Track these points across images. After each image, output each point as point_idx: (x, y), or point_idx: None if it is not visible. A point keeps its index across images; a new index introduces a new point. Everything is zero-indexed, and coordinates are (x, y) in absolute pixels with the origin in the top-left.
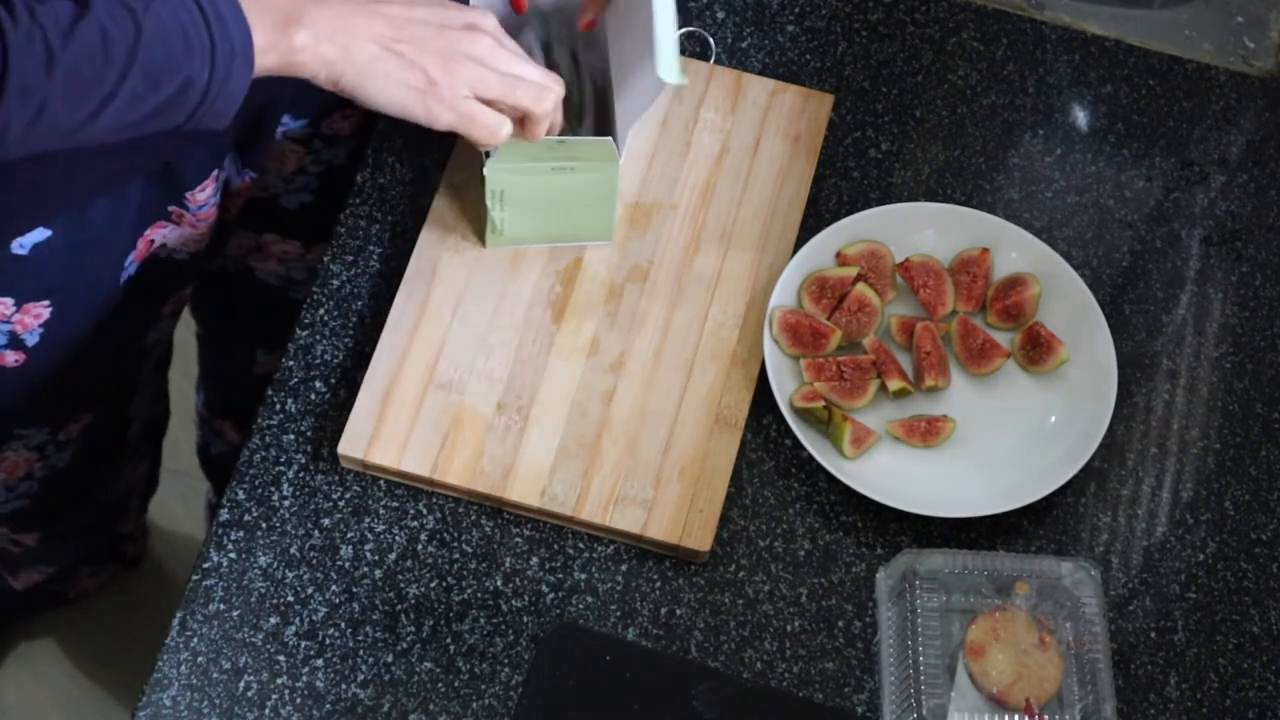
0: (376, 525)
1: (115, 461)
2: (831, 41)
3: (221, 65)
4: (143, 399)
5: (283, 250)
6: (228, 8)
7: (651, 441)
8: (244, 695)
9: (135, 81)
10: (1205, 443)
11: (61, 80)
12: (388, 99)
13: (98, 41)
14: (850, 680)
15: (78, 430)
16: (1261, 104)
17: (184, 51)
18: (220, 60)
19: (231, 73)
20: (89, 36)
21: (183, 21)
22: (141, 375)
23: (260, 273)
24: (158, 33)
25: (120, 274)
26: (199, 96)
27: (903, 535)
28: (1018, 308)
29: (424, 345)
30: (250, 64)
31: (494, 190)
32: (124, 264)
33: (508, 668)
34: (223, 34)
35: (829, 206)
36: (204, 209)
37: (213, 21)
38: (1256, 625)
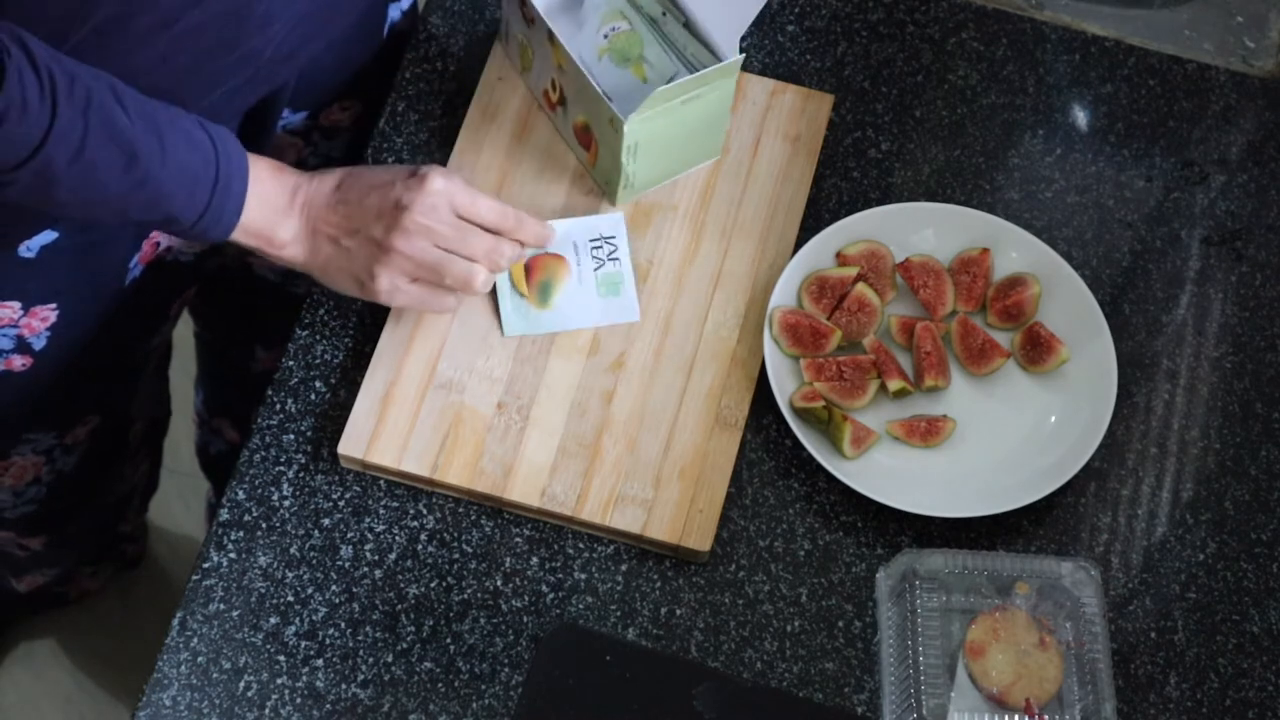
0: (376, 525)
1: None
2: (831, 41)
3: (206, 222)
4: (144, 400)
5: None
6: (238, 183)
7: (651, 441)
8: (244, 695)
9: (134, 200)
10: (1205, 443)
11: (77, 174)
12: (340, 286)
13: (124, 158)
14: (850, 680)
15: (84, 433)
16: (1261, 104)
17: (185, 199)
18: (208, 219)
19: (207, 232)
20: (120, 150)
21: (196, 172)
22: (144, 376)
23: (258, 268)
24: (174, 173)
25: (126, 276)
26: (176, 230)
27: (903, 535)
28: (1018, 308)
29: (424, 345)
30: (227, 234)
31: (630, 145)
32: (129, 265)
33: (508, 668)
34: (220, 202)
35: (829, 206)
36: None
37: (219, 188)
38: (1256, 625)
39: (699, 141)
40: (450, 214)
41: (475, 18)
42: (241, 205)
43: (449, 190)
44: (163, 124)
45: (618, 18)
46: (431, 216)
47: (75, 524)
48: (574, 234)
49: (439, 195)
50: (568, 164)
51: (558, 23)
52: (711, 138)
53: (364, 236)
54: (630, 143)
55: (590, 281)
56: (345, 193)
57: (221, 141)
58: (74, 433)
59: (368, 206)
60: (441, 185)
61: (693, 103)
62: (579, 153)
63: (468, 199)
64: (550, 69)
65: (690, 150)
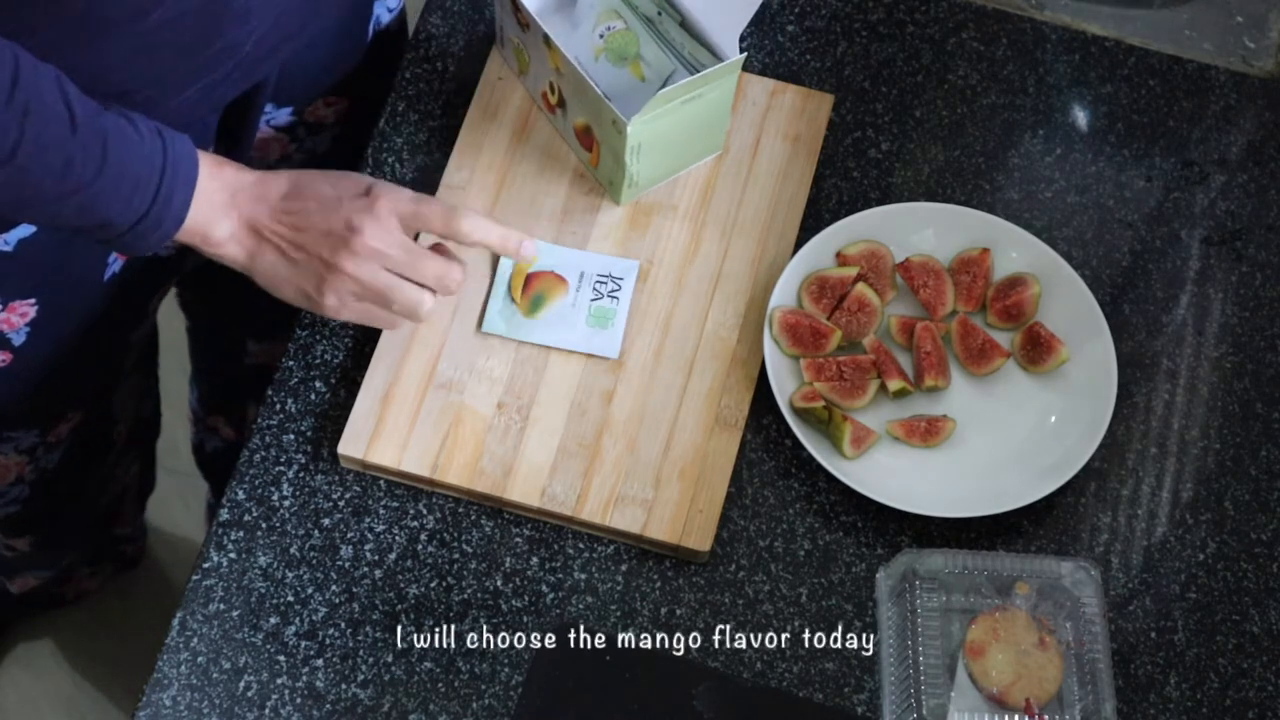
0: (376, 525)
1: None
2: (831, 41)
3: (142, 230)
4: (129, 398)
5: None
6: (180, 194)
7: (651, 441)
8: (244, 695)
9: (66, 208)
10: (1205, 443)
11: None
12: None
13: (59, 167)
14: (850, 680)
15: (66, 431)
16: (1261, 104)
17: (122, 207)
18: (145, 226)
19: (144, 239)
20: (55, 158)
21: (136, 183)
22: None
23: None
24: (111, 183)
25: (105, 271)
26: (107, 237)
27: (903, 535)
28: (1018, 308)
29: (424, 345)
30: (166, 240)
31: (633, 146)
32: (108, 260)
33: (508, 668)
34: (159, 212)
35: (829, 206)
36: None
37: (160, 199)
38: (1256, 625)
39: (701, 138)
40: (400, 236)
41: (475, 18)
42: (182, 218)
43: (398, 211)
44: (110, 133)
45: (613, 17)
46: (381, 240)
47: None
48: (585, 264)
49: (388, 218)
50: (568, 164)
51: (552, 24)
52: (713, 134)
53: (311, 254)
54: (634, 144)
55: (583, 308)
56: (291, 202)
57: (174, 149)
58: (56, 430)
59: (315, 224)
60: (389, 207)
61: (695, 101)
62: (580, 154)
63: (412, 214)
64: (548, 72)
65: (692, 147)
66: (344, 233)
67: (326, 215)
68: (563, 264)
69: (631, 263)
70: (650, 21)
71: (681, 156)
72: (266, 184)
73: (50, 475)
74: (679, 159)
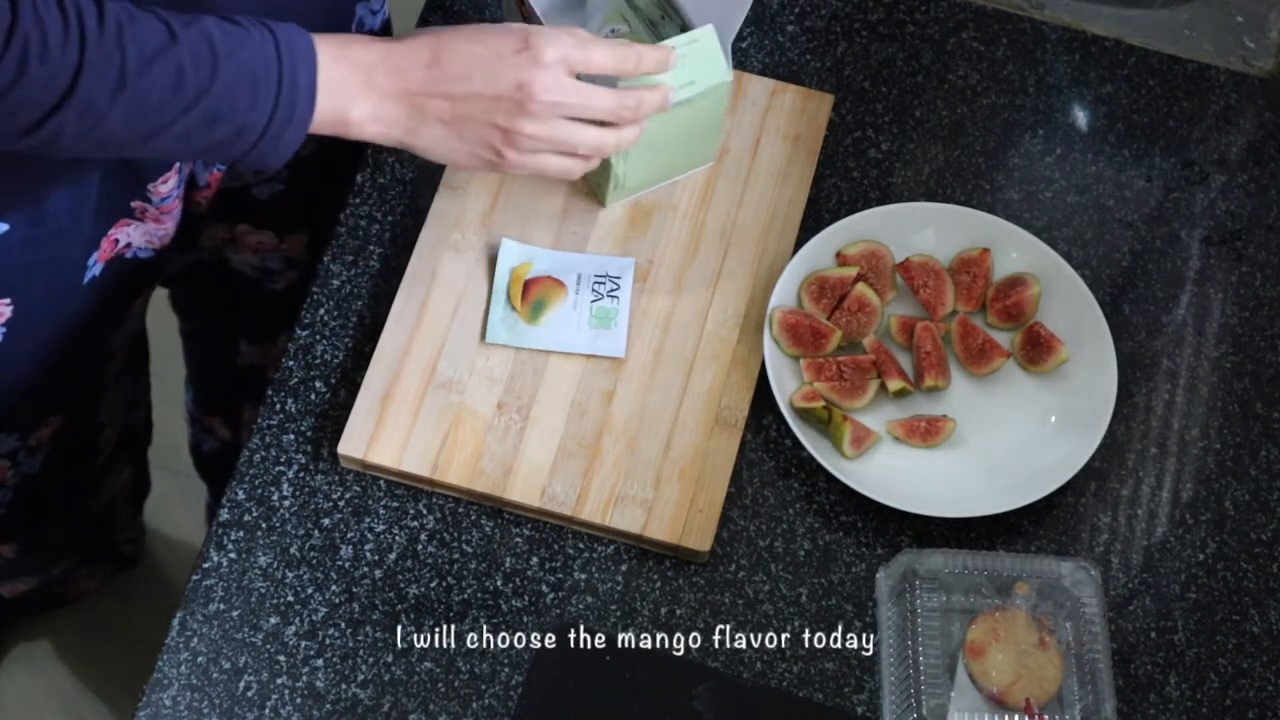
0: (376, 525)
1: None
2: (831, 41)
3: (278, 124)
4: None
5: (257, 241)
6: (304, 74)
7: (651, 441)
8: (244, 695)
9: (193, 121)
10: (1205, 443)
11: (125, 106)
12: (458, 164)
13: (172, 78)
14: (850, 680)
15: (48, 435)
16: (1261, 104)
17: (247, 104)
18: (279, 120)
19: (284, 135)
20: (165, 71)
21: (257, 75)
22: (108, 376)
23: (236, 264)
24: (230, 82)
25: (84, 273)
26: (248, 146)
27: (903, 535)
28: (1018, 308)
29: (424, 345)
30: (305, 129)
31: None
32: (87, 263)
33: (508, 668)
34: (290, 98)
35: (829, 206)
36: (167, 201)
37: (285, 85)
38: (1256, 625)
39: (692, 147)
40: (570, 81)
41: (475, 18)
42: (314, 97)
43: (564, 58)
44: (213, 33)
45: (618, 20)
46: (554, 92)
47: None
48: (581, 266)
49: (557, 67)
50: None
51: (558, 24)
52: (706, 144)
53: (482, 121)
54: None
55: (584, 310)
56: (443, 68)
57: (285, 35)
58: (38, 434)
59: (480, 90)
60: (555, 55)
61: (684, 108)
62: None
63: (583, 60)
64: None
65: (683, 154)
66: (515, 94)
67: (491, 79)
68: (559, 268)
69: (627, 260)
70: (653, 25)
71: (671, 163)
72: (402, 54)
73: (33, 481)
74: (668, 165)
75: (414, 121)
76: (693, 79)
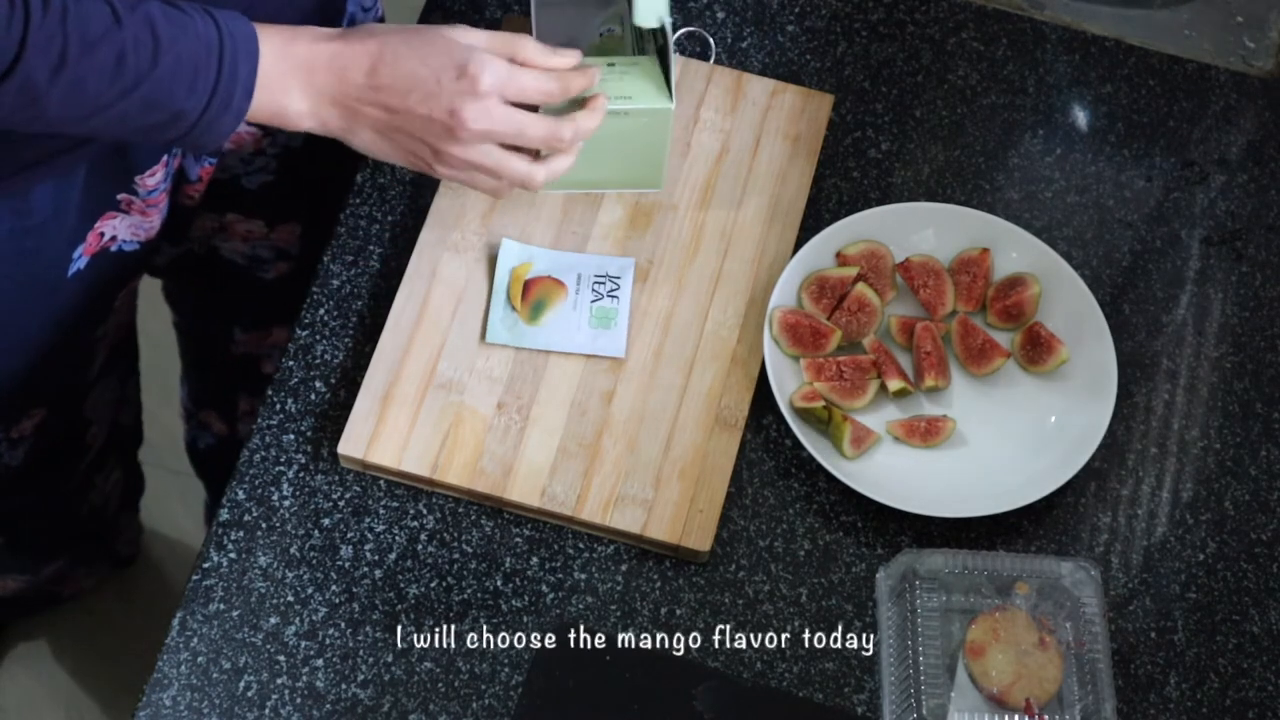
0: (376, 525)
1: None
2: (831, 41)
3: (213, 112)
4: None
5: (246, 230)
6: (245, 65)
7: (651, 441)
8: (244, 695)
9: (130, 105)
10: (1205, 443)
11: (63, 87)
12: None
13: (112, 62)
14: (850, 680)
15: (30, 428)
16: (1261, 104)
17: (186, 91)
18: (215, 107)
19: (219, 122)
20: (106, 55)
21: (198, 62)
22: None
23: (225, 252)
24: (170, 68)
25: (69, 267)
26: (183, 131)
27: (903, 535)
28: (1018, 308)
29: (424, 345)
30: (240, 119)
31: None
32: (72, 256)
33: (508, 668)
34: (228, 88)
35: (829, 206)
36: (154, 194)
37: (224, 74)
38: (1256, 625)
39: (633, 164)
40: (504, 111)
41: (475, 18)
42: (251, 89)
43: (501, 89)
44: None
45: (615, 21)
46: (485, 122)
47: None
48: (581, 266)
49: (490, 96)
50: None
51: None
52: (648, 167)
53: (413, 137)
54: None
55: (584, 310)
56: (381, 80)
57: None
58: (20, 426)
59: (414, 109)
60: (491, 84)
61: (621, 120)
62: None
63: (516, 89)
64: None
65: (622, 169)
66: (447, 120)
67: (425, 101)
68: (558, 268)
69: (627, 260)
70: (642, 36)
71: (609, 172)
72: (346, 57)
73: (16, 473)
74: (606, 172)
75: (348, 124)
76: (630, 94)
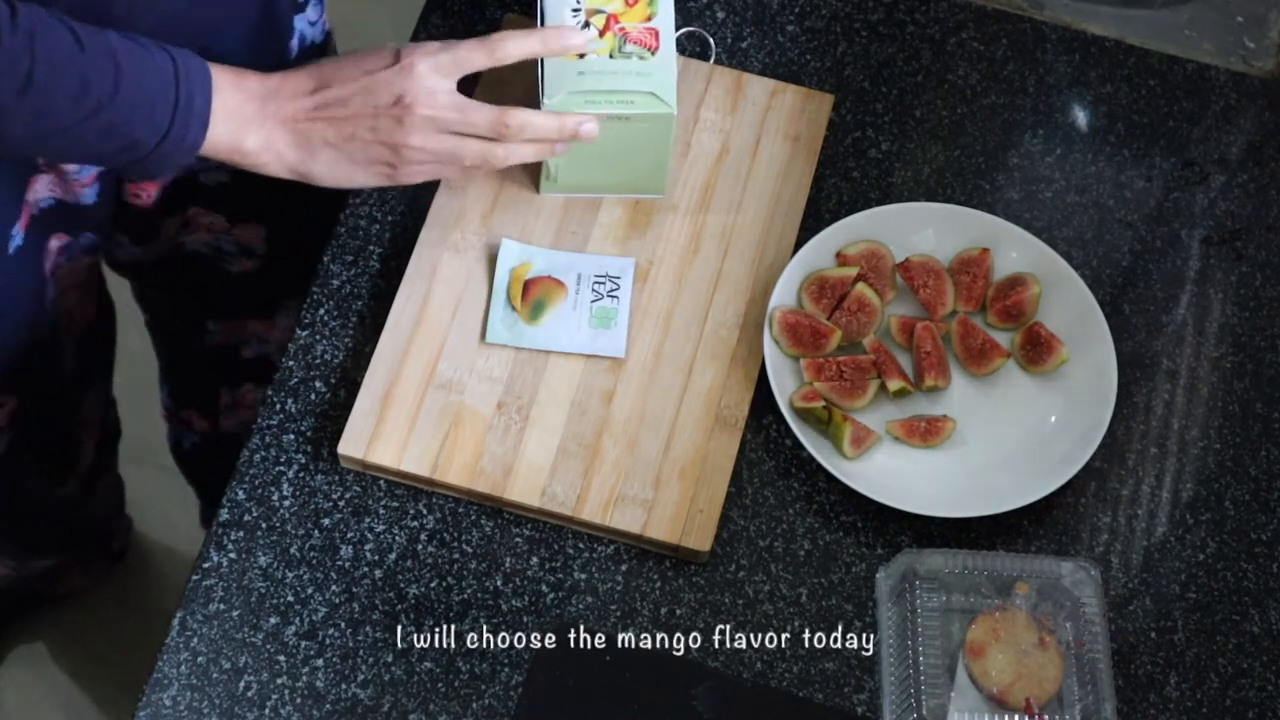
0: (376, 525)
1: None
2: (831, 41)
3: (170, 143)
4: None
5: (209, 222)
6: (200, 99)
7: (651, 441)
8: (244, 695)
9: (89, 130)
10: (1205, 443)
11: (29, 107)
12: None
13: (75, 87)
14: (850, 680)
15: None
16: (1261, 104)
17: (144, 121)
18: (171, 139)
19: (173, 153)
20: (70, 79)
21: (155, 94)
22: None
23: (190, 244)
24: (130, 97)
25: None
26: (137, 158)
27: (903, 535)
28: (1018, 308)
29: (424, 345)
30: (194, 152)
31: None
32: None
33: (508, 668)
34: (184, 121)
35: (829, 206)
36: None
37: (180, 107)
38: (1256, 625)
39: (636, 169)
40: (449, 96)
41: (475, 18)
42: (206, 122)
43: (437, 66)
44: (118, 49)
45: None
46: (431, 107)
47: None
48: (581, 266)
49: (430, 76)
50: None
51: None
52: (651, 172)
53: (369, 139)
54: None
55: (584, 310)
56: (325, 93)
57: (183, 59)
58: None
59: (360, 109)
60: (428, 65)
61: (622, 125)
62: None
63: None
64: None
65: (625, 173)
66: (393, 109)
67: (368, 97)
68: (558, 268)
69: (627, 260)
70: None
71: (612, 177)
72: (291, 81)
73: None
74: (608, 177)
75: (305, 150)
76: (633, 100)
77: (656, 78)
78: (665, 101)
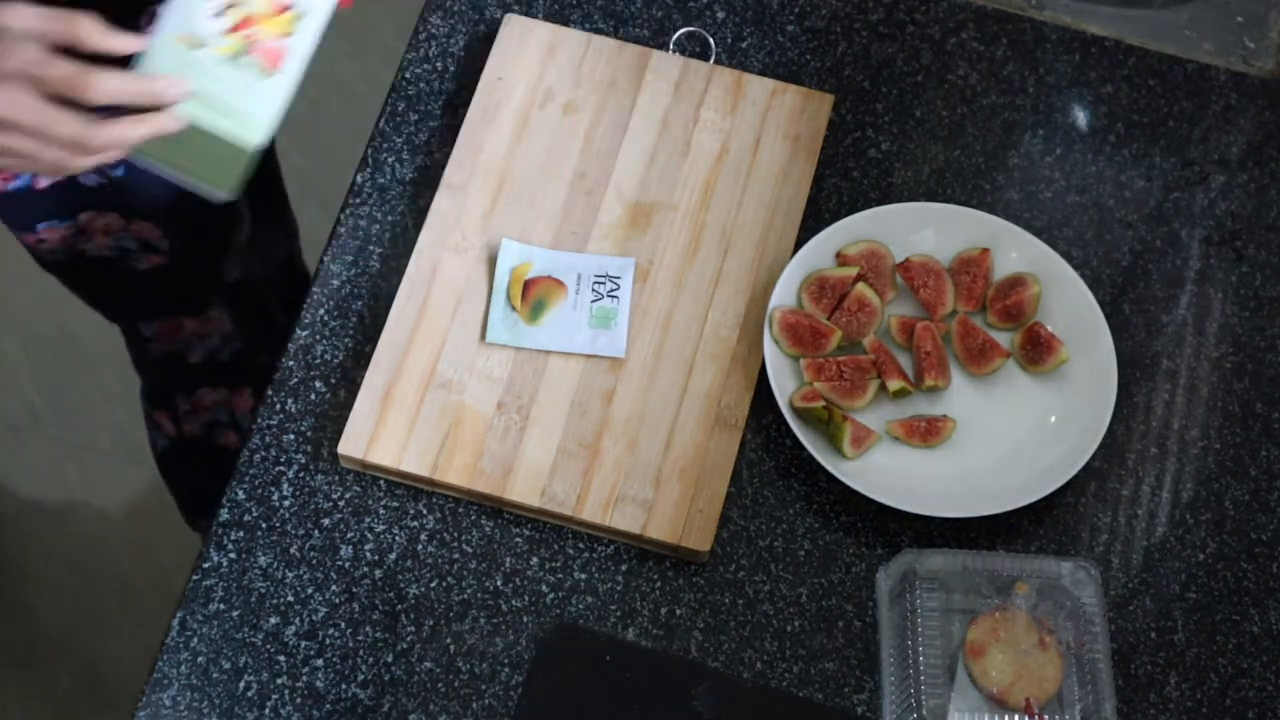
0: (376, 525)
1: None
2: (831, 41)
3: None
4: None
5: (104, 224)
6: None
7: (651, 441)
8: (244, 695)
9: None
10: (1205, 443)
11: None
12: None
13: None
14: (850, 680)
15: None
16: (1261, 104)
17: None
18: None
19: None
20: None
21: None
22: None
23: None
24: None
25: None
26: None
27: (903, 535)
28: (1018, 308)
29: (424, 345)
30: None
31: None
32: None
33: (508, 668)
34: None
35: (829, 206)
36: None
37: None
38: (1256, 625)
39: (207, 157)
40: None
41: (475, 18)
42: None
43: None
44: None
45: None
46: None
47: None
48: (581, 266)
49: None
50: (568, 164)
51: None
52: (224, 170)
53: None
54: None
55: (584, 310)
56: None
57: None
58: None
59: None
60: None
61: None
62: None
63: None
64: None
65: (198, 156)
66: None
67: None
68: (559, 268)
69: (627, 260)
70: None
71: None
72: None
73: None
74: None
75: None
76: (222, 114)
77: (257, 100)
78: (251, 127)
